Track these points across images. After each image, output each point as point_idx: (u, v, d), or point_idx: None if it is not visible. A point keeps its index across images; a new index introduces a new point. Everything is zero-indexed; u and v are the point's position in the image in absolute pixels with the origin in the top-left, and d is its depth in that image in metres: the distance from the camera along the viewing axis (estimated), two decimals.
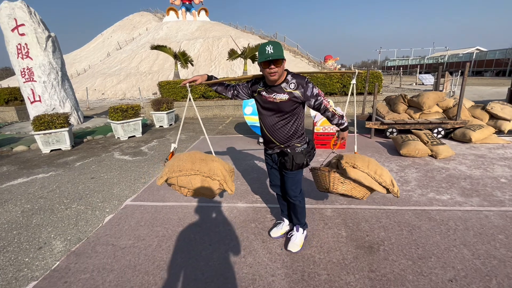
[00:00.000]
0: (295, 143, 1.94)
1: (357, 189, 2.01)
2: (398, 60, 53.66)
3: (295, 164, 1.91)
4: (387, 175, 1.97)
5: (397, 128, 5.59)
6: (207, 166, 1.86)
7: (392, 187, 1.94)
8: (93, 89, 21.45)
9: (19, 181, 4.03)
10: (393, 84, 20.89)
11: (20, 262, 2.21)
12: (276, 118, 1.88)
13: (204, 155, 1.96)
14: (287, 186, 2.06)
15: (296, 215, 2.20)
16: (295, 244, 2.19)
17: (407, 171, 3.82)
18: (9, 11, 7.13)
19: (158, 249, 2.30)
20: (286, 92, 1.80)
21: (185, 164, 1.84)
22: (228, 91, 2.08)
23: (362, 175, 1.92)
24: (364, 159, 1.99)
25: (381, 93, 10.16)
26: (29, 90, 7.64)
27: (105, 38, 37.77)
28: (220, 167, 1.90)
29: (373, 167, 1.95)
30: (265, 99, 1.87)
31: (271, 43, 1.68)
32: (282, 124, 1.89)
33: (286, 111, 1.85)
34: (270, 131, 1.93)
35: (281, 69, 1.73)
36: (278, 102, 1.82)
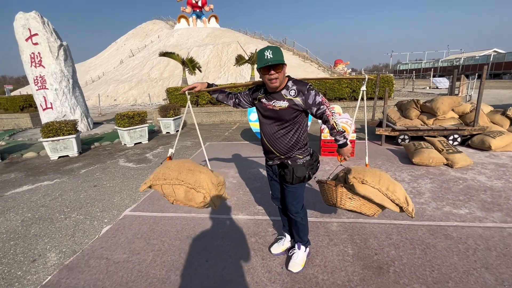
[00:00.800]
0: (296, 154, 1.80)
1: (366, 206, 1.83)
2: (411, 63, 52.55)
3: (296, 178, 1.77)
4: (401, 191, 1.78)
5: (409, 135, 5.33)
6: (193, 177, 1.76)
7: (406, 206, 1.75)
8: (105, 95, 22.00)
9: (24, 188, 4.05)
10: (406, 88, 20.36)
11: (13, 276, 2.15)
12: (276, 127, 1.77)
13: (193, 165, 1.86)
14: (287, 200, 1.92)
15: (297, 232, 2.05)
16: (296, 263, 2.02)
17: (420, 181, 3.59)
18: (24, 22, 7.38)
19: (152, 264, 2.19)
20: (286, 99, 1.69)
21: (171, 173, 1.77)
22: (230, 99, 2.01)
23: (373, 191, 1.73)
24: (375, 173, 1.81)
25: (392, 98, 9.86)
26: (41, 98, 7.85)
27: (119, 46, 38.91)
28: (207, 179, 1.78)
29: (385, 183, 1.77)
30: (265, 107, 1.77)
31: (270, 47, 1.59)
32: (282, 134, 1.77)
33: (286, 120, 1.73)
34: (270, 141, 1.82)
35: (282, 75, 1.64)
36: (278, 110, 1.71)
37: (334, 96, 9.54)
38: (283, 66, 1.61)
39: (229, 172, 4.27)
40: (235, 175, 4.13)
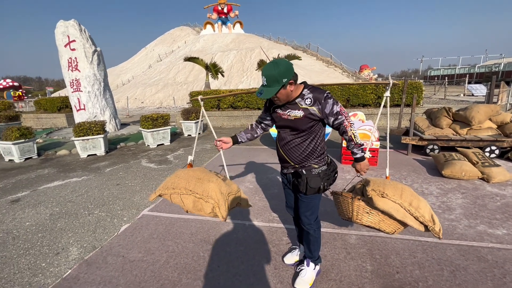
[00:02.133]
0: (312, 164, 1.71)
1: (386, 222, 1.68)
2: (443, 69, 49.63)
3: (309, 188, 1.67)
4: (426, 208, 1.62)
5: (439, 145, 4.98)
6: (202, 186, 1.72)
7: (432, 225, 1.58)
8: (134, 98, 23.17)
9: (55, 183, 4.32)
10: (437, 95, 19.23)
11: (37, 267, 2.27)
12: (290, 136, 1.71)
13: (203, 173, 1.82)
14: (300, 210, 1.83)
15: (308, 246, 1.93)
16: (303, 281, 1.89)
17: (451, 195, 3.32)
18: (64, 29, 8.01)
19: (165, 265, 2.21)
20: (301, 108, 1.60)
21: (180, 182, 1.75)
22: (257, 129, 1.99)
23: (394, 206, 1.58)
24: (396, 187, 1.65)
25: (421, 105, 9.34)
26: (76, 99, 8.42)
27: (148, 51, 40.94)
28: (215, 189, 1.71)
29: (407, 197, 1.61)
30: (279, 116, 1.71)
31: (266, 70, 1.50)
32: (298, 142, 1.69)
33: (301, 129, 1.65)
34: (284, 149, 1.75)
35: (285, 93, 1.56)
36: (293, 119, 1.63)
37: (358, 102, 9.24)
38: (286, 85, 1.52)
39: (246, 177, 4.25)
40: (252, 180, 4.10)
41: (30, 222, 3.06)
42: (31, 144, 5.98)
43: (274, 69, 1.49)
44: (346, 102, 9.36)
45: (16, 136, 5.60)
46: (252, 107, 10.19)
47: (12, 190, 4.10)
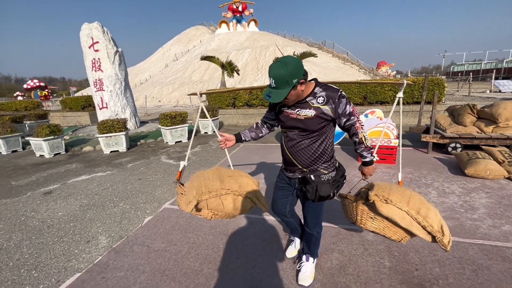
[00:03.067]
0: (321, 169, 1.64)
1: (391, 230, 1.61)
2: (468, 64, 47.20)
3: (319, 197, 1.62)
4: (436, 218, 1.52)
5: (462, 143, 4.81)
6: (237, 182, 1.68)
7: (440, 236, 1.49)
8: (151, 96, 23.83)
9: (83, 177, 4.59)
10: (460, 91, 18.38)
11: (71, 253, 2.45)
12: (300, 137, 1.61)
13: (230, 171, 1.80)
14: (307, 216, 1.85)
15: (309, 245, 1.96)
16: (306, 276, 1.92)
17: (474, 195, 3.22)
18: (88, 31, 8.39)
19: (187, 255, 2.32)
20: (312, 107, 1.52)
21: (214, 183, 1.64)
22: (262, 128, 1.90)
23: (399, 213, 1.49)
24: (404, 193, 1.55)
25: (442, 102, 8.99)
26: (98, 98, 8.81)
27: (164, 50, 41.86)
28: (250, 182, 1.72)
29: (415, 205, 1.51)
30: (287, 116, 1.61)
31: (273, 70, 1.38)
32: (307, 144, 1.60)
33: (312, 130, 1.56)
34: (292, 152, 1.65)
35: (296, 94, 1.46)
36: (303, 119, 1.54)
37: (375, 99, 9.04)
38: (297, 85, 1.42)
39: (261, 174, 4.32)
40: (267, 177, 4.16)
41: (62, 212, 3.29)
42: (60, 141, 6.35)
43: (282, 69, 1.36)
44: (363, 100, 9.19)
45: (46, 133, 5.97)
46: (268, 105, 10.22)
47: (44, 183, 4.40)
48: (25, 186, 4.30)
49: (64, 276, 2.15)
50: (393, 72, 25.94)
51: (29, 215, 3.24)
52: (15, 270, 2.25)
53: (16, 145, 6.97)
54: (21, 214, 3.29)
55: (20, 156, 6.41)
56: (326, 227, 2.65)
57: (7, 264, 2.33)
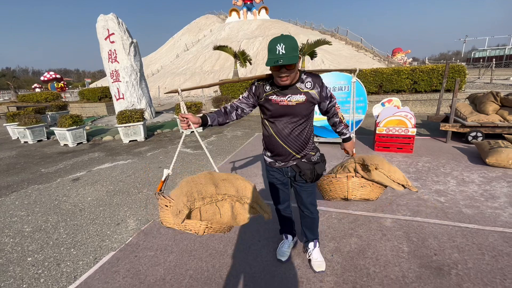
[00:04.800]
0: (310, 152, 1.71)
1: (374, 191, 2.02)
2: (490, 50, 44.75)
3: (317, 175, 1.73)
4: (401, 174, 2.00)
5: (483, 132, 4.69)
6: (233, 186, 1.47)
7: (407, 183, 1.96)
8: (163, 87, 24.10)
9: (106, 165, 4.82)
10: (482, 79, 17.58)
11: (104, 234, 2.64)
12: (291, 125, 1.61)
13: (223, 174, 1.56)
14: (306, 201, 1.85)
15: (312, 229, 2.00)
16: (320, 262, 1.98)
17: (495, 184, 3.18)
18: (104, 23, 8.53)
19: (211, 238, 2.45)
20: (302, 92, 1.56)
21: (207, 188, 1.40)
22: (230, 114, 1.71)
23: (383, 176, 1.93)
24: (383, 161, 2.01)
25: (463, 90, 8.68)
26: (115, 89, 9.04)
27: (175, 41, 41.87)
28: (248, 186, 1.52)
29: (390, 168, 1.97)
30: (276, 104, 1.58)
31: (283, 38, 1.39)
32: (299, 131, 1.63)
33: (303, 115, 1.60)
34: (286, 141, 1.65)
35: (295, 71, 1.49)
36: (295, 105, 1.56)
37: (391, 88, 8.82)
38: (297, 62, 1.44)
39: None
40: None
41: (91, 197, 3.50)
42: (81, 131, 6.63)
43: (291, 38, 1.40)
44: (378, 88, 9.00)
45: (70, 123, 6.24)
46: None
47: (71, 170, 4.65)
48: (54, 173, 4.57)
49: (100, 254, 2.33)
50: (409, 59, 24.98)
51: (62, 200, 3.47)
52: (56, 248, 2.46)
53: (41, 135, 7.32)
54: (54, 198, 3.53)
55: (45, 145, 6.75)
56: (344, 213, 2.72)
57: (48, 243, 2.55)
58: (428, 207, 2.74)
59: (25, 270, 2.19)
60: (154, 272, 2.06)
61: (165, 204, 1.43)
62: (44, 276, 2.11)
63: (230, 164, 4.43)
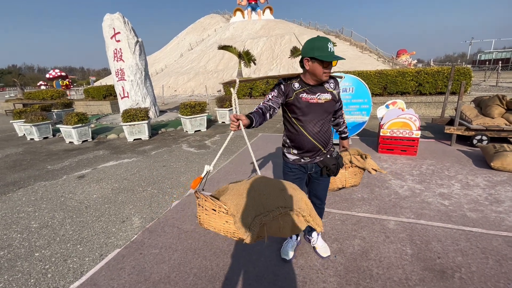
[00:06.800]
0: (331, 148, 1.88)
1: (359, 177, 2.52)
2: (496, 52, 44.27)
3: (339, 169, 1.87)
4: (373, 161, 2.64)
5: (488, 136, 4.66)
6: (292, 198, 1.38)
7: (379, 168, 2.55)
8: (167, 86, 24.21)
9: (111, 163, 4.87)
10: (487, 81, 17.42)
11: (109, 231, 2.68)
12: (321, 122, 1.72)
13: (279, 182, 1.47)
14: (321, 194, 2.01)
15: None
16: (325, 248, 2.18)
17: (500, 188, 3.17)
18: (110, 22, 8.60)
19: (215, 237, 2.48)
20: (328, 91, 1.70)
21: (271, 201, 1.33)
22: (266, 115, 1.65)
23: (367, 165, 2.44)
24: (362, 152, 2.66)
25: (468, 93, 8.62)
26: (120, 88, 9.11)
27: (179, 40, 42.02)
28: (304, 197, 1.44)
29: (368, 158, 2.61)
30: (306, 101, 1.65)
31: (329, 40, 1.56)
32: (327, 127, 1.77)
33: (329, 112, 1.75)
34: (317, 137, 1.72)
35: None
36: (323, 102, 1.68)
37: (396, 90, 8.79)
38: None
39: (280, 163, 4.40)
40: None
41: (96, 195, 3.54)
42: (87, 129, 6.70)
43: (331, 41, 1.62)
44: (383, 90, 8.97)
45: (75, 121, 6.31)
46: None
47: (77, 167, 4.71)
48: (60, 170, 4.63)
49: (106, 251, 2.37)
50: (414, 60, 24.79)
51: (68, 197, 3.52)
52: (62, 244, 2.50)
53: (47, 132, 7.41)
54: (60, 195, 3.58)
55: (51, 143, 6.83)
56: (347, 215, 2.72)
57: (55, 239, 2.59)
58: (432, 210, 2.74)
59: (32, 265, 2.23)
60: (159, 269, 2.09)
61: (213, 208, 1.34)
62: (51, 272, 2.15)
63: (234, 164, 4.45)
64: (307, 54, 1.56)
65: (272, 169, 4.14)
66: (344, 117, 2.00)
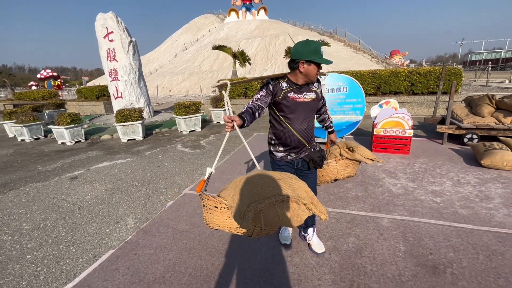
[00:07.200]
0: (314, 142, 1.99)
1: (354, 168, 2.39)
2: (486, 53, 45.17)
3: (324, 161, 2.00)
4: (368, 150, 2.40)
5: (478, 134, 4.76)
6: (290, 186, 1.38)
7: (374, 158, 2.35)
8: (162, 86, 24.05)
9: (104, 164, 4.81)
10: (478, 81, 17.77)
11: (103, 232, 2.65)
12: (307, 119, 1.84)
13: (276, 173, 1.49)
14: (311, 187, 1.99)
15: (313, 216, 2.17)
16: (320, 244, 2.21)
17: (490, 185, 3.24)
18: (103, 21, 8.51)
19: (210, 236, 2.47)
20: (313, 91, 1.81)
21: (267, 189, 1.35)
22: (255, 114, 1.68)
23: (359, 155, 2.31)
24: (355, 143, 2.42)
25: (459, 93, 8.78)
26: (114, 88, 9.02)
27: (173, 40, 41.78)
28: (303, 185, 1.43)
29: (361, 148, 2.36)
30: (294, 100, 1.73)
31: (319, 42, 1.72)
32: (312, 124, 1.90)
33: (314, 110, 1.88)
34: (304, 134, 1.83)
35: None
36: (309, 101, 1.80)
37: (389, 89, 8.89)
38: None
39: None
40: None
41: (90, 196, 3.50)
42: (80, 129, 6.61)
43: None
44: (376, 90, 9.07)
45: (68, 121, 6.22)
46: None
47: (70, 168, 4.64)
48: (52, 171, 4.56)
49: (99, 252, 2.34)
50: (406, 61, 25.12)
51: (60, 198, 3.47)
52: (55, 246, 2.46)
53: (39, 133, 7.29)
54: (52, 196, 3.53)
55: (43, 144, 6.72)
56: (342, 213, 2.75)
57: (47, 241, 2.55)
58: (424, 208, 2.79)
59: (24, 268, 2.20)
60: (153, 270, 2.08)
61: (215, 206, 1.36)
62: (43, 274, 2.12)
63: (229, 164, 4.45)
64: (303, 57, 1.61)
65: (270, 167, 4.15)
66: (328, 112, 2.14)
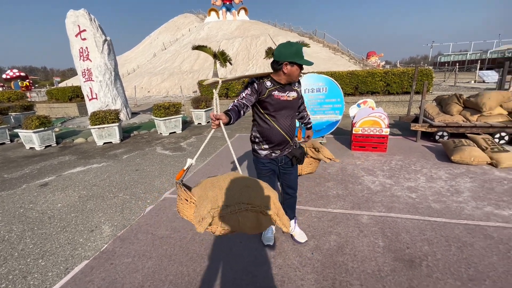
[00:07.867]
0: (294, 140, 2.06)
1: (314, 166, 2.62)
2: (454, 55, 48.17)
3: (304, 157, 2.09)
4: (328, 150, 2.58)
5: (448, 132, 5.04)
6: (258, 195, 1.39)
7: (333, 157, 2.56)
8: (140, 87, 23.28)
9: (78, 169, 4.56)
10: (447, 82, 18.87)
11: (76, 242, 2.50)
12: (290, 117, 1.93)
13: (248, 179, 1.50)
14: (293, 182, 2.17)
15: (294, 209, 2.32)
16: (302, 234, 2.35)
17: (459, 180, 3.43)
18: (74, 19, 8.07)
19: (192, 241, 2.41)
20: (294, 89, 1.89)
21: (233, 196, 1.37)
22: (241, 112, 1.72)
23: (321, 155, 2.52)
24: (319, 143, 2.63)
25: (431, 93, 9.27)
26: (88, 89, 8.58)
27: (152, 39, 40.59)
28: (272, 196, 1.43)
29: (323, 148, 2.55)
30: (277, 99, 1.81)
31: (301, 44, 1.78)
32: (294, 122, 1.98)
33: (296, 108, 1.97)
34: (288, 131, 1.93)
35: None
36: (292, 100, 1.88)
37: (366, 89, 9.21)
38: None
39: None
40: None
41: (61, 203, 3.29)
42: (50, 133, 6.21)
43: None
44: (354, 90, 9.35)
45: (36, 124, 5.82)
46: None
47: (39, 175, 4.35)
48: (19, 178, 4.24)
49: (72, 264, 2.20)
50: (382, 62, 26.16)
51: (28, 207, 3.23)
52: (21, 260, 2.28)
53: (4, 138, 6.77)
54: (19, 206, 3.28)
55: (8, 149, 6.25)
56: (323, 212, 2.79)
57: (12, 255, 2.36)
58: (401, 203, 2.90)
59: None
60: (131, 279, 1.98)
61: (186, 198, 1.47)
62: None
63: (211, 166, 4.37)
64: (286, 58, 1.69)
65: (253, 168, 4.13)
66: (307, 110, 2.26)
